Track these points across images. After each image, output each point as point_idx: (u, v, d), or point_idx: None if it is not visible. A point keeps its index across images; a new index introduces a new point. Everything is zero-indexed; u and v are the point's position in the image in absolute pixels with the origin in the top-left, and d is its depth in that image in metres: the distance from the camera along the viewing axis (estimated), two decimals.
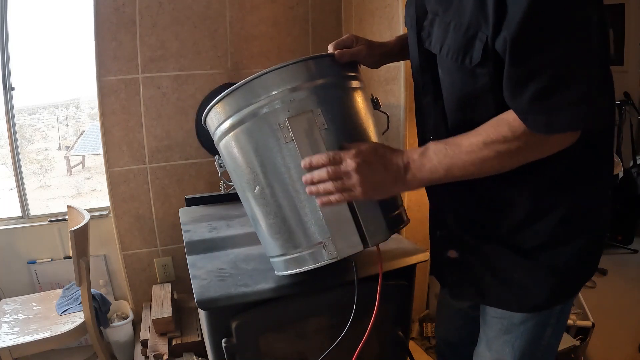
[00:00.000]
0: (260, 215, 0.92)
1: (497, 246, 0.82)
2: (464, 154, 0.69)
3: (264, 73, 0.83)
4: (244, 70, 2.03)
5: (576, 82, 0.61)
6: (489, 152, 0.68)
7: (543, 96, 0.62)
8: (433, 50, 0.77)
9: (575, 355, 1.66)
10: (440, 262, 0.94)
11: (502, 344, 0.88)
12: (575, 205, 0.77)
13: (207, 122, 0.95)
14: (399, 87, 1.69)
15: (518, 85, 0.64)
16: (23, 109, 4.34)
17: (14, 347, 1.55)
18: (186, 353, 1.68)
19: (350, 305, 0.89)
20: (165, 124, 1.96)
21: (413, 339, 1.95)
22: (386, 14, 1.76)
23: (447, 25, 0.72)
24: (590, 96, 0.62)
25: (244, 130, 0.86)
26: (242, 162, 0.89)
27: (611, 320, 1.99)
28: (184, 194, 1.92)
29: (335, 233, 0.82)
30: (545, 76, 0.62)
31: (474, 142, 0.69)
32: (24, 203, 2.08)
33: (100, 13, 1.79)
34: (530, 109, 0.64)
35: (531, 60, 0.62)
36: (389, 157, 0.75)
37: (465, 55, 0.69)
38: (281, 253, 0.92)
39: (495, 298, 0.86)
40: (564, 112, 0.62)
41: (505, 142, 0.67)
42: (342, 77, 0.91)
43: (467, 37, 0.68)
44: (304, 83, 0.84)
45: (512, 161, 0.69)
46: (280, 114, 0.82)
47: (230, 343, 0.99)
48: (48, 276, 2.10)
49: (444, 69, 0.77)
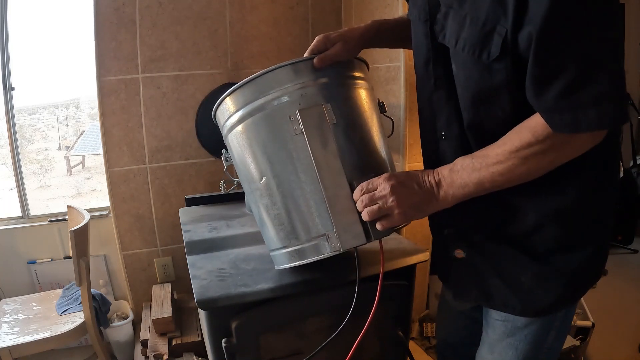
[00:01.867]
0: (264, 207, 0.92)
1: (508, 247, 0.80)
2: (492, 165, 0.70)
3: (277, 67, 0.85)
4: (244, 70, 2.03)
5: (603, 77, 0.60)
6: (515, 160, 0.68)
7: (569, 92, 0.61)
8: (447, 44, 0.75)
9: (575, 355, 1.66)
10: (445, 261, 0.93)
11: (505, 347, 0.87)
12: (587, 211, 0.76)
13: (216, 115, 0.97)
14: (399, 87, 1.69)
15: (543, 83, 0.63)
16: (23, 109, 4.34)
17: (14, 347, 1.55)
18: (186, 353, 1.68)
19: (350, 305, 0.89)
20: (165, 124, 1.96)
21: (413, 339, 1.95)
22: (386, 14, 1.75)
23: (462, 19, 0.70)
24: (617, 92, 0.60)
25: (254, 122, 0.88)
26: (250, 153, 0.90)
27: (611, 320, 1.99)
28: (184, 194, 1.92)
29: (339, 225, 0.82)
30: (571, 72, 0.60)
31: (500, 152, 0.69)
32: (24, 203, 2.08)
33: (100, 13, 1.79)
34: (556, 107, 0.62)
35: (558, 56, 0.60)
36: (421, 176, 0.77)
37: (482, 49, 0.68)
38: (284, 245, 0.92)
39: (500, 301, 0.85)
40: (591, 109, 0.60)
41: (530, 147, 0.66)
42: (352, 77, 0.92)
43: (485, 31, 0.67)
44: (316, 80, 0.86)
45: (539, 166, 0.69)
46: (291, 106, 0.84)
47: (230, 343, 0.99)
48: (48, 276, 2.10)
49: (459, 64, 0.75)
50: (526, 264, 0.79)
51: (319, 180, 0.82)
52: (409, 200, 0.76)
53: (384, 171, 0.85)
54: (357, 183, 0.81)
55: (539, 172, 0.70)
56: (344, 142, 0.84)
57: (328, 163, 0.82)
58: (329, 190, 0.82)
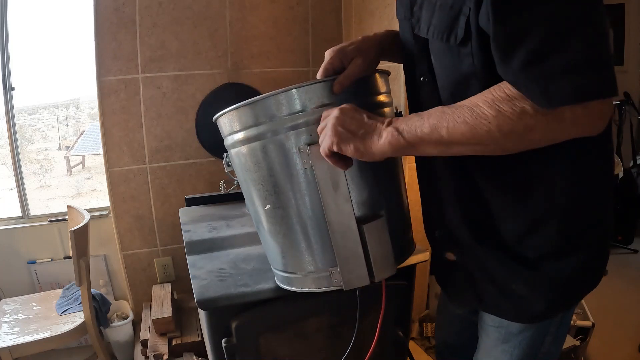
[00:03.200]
0: (268, 232, 0.89)
1: (498, 253, 0.78)
2: (458, 109, 0.60)
3: (290, 89, 0.76)
4: (244, 70, 2.03)
5: (576, 42, 0.52)
6: (488, 110, 0.57)
7: (535, 60, 0.53)
8: (422, 33, 0.72)
9: (575, 355, 1.66)
10: (439, 264, 0.92)
11: (500, 352, 0.86)
12: (579, 215, 0.73)
13: (219, 123, 0.90)
14: (399, 87, 1.69)
15: (506, 49, 0.56)
16: (23, 109, 4.34)
17: (14, 347, 1.55)
18: (186, 353, 1.68)
19: (350, 305, 0.88)
20: (165, 124, 1.96)
21: (413, 339, 1.95)
22: (386, 14, 1.75)
23: (433, 6, 0.68)
24: (596, 59, 0.52)
25: (260, 147, 0.80)
26: (254, 177, 0.84)
27: (611, 320, 1.99)
28: (184, 194, 1.92)
29: (343, 265, 0.79)
30: (536, 35, 0.53)
31: (473, 100, 0.60)
32: (24, 203, 2.08)
33: (100, 13, 1.79)
34: (522, 77, 0.55)
35: (520, 16, 0.53)
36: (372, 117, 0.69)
37: (450, 33, 0.65)
38: (284, 270, 0.91)
39: (493, 306, 0.83)
40: (563, 79, 0.52)
41: (509, 100, 0.56)
42: (373, 99, 0.84)
43: (452, 14, 0.64)
44: (331, 103, 0.76)
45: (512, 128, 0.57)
46: (301, 137, 0.76)
47: (230, 343, 0.99)
48: (48, 276, 2.10)
49: (435, 54, 0.73)
50: (517, 270, 0.76)
51: (326, 221, 0.77)
52: (347, 127, 0.67)
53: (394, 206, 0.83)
54: (366, 226, 0.77)
55: (513, 139, 0.58)
56: (358, 180, 0.79)
57: (338, 206, 0.76)
58: (336, 234, 0.78)
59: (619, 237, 2.92)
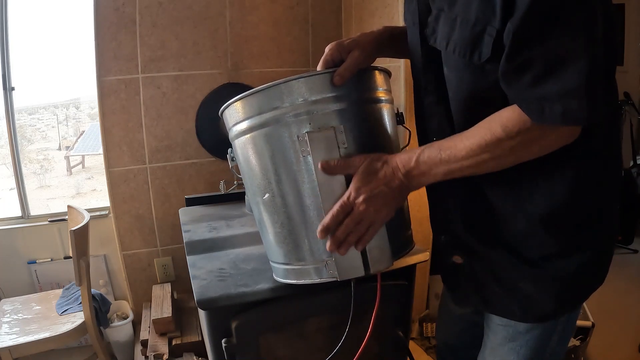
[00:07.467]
0: (267, 222, 0.90)
1: (504, 253, 0.79)
2: (461, 160, 0.69)
3: (292, 79, 0.79)
4: (244, 70, 2.03)
5: (570, 73, 0.60)
6: (485, 155, 0.67)
7: (537, 83, 0.62)
8: (439, 47, 0.74)
9: (575, 355, 1.66)
10: (445, 266, 0.92)
11: (507, 351, 0.86)
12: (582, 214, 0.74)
13: (224, 116, 0.92)
14: (399, 87, 1.69)
15: (515, 73, 0.64)
16: (23, 109, 4.34)
17: (14, 347, 1.55)
18: (186, 353, 1.68)
19: (350, 304, 0.89)
20: (165, 124, 1.96)
21: (413, 339, 1.95)
22: (386, 14, 1.76)
23: (453, 21, 0.69)
24: (585, 91, 0.60)
25: (262, 135, 0.83)
26: (255, 165, 0.86)
27: (611, 320, 1.99)
28: (184, 194, 1.92)
29: (338, 256, 0.80)
30: (540, 65, 0.61)
31: (469, 146, 0.68)
32: (24, 203, 2.08)
33: (100, 13, 1.79)
34: (526, 95, 0.63)
35: (531, 50, 0.61)
36: (388, 175, 0.74)
37: (473, 51, 0.67)
38: (283, 262, 0.91)
39: (499, 307, 0.84)
40: (557, 103, 0.61)
41: (500, 142, 0.66)
42: (372, 94, 0.86)
43: (475, 32, 0.66)
44: (330, 97, 0.79)
45: (508, 160, 0.68)
46: (301, 126, 0.79)
47: (230, 343, 0.99)
48: (48, 276, 2.10)
49: (450, 67, 0.75)
50: (523, 270, 0.78)
51: (323, 209, 0.78)
52: (384, 204, 0.75)
53: None
54: None
55: (512, 163, 0.69)
56: None
57: (334, 192, 0.77)
58: None
59: (619, 237, 2.92)
